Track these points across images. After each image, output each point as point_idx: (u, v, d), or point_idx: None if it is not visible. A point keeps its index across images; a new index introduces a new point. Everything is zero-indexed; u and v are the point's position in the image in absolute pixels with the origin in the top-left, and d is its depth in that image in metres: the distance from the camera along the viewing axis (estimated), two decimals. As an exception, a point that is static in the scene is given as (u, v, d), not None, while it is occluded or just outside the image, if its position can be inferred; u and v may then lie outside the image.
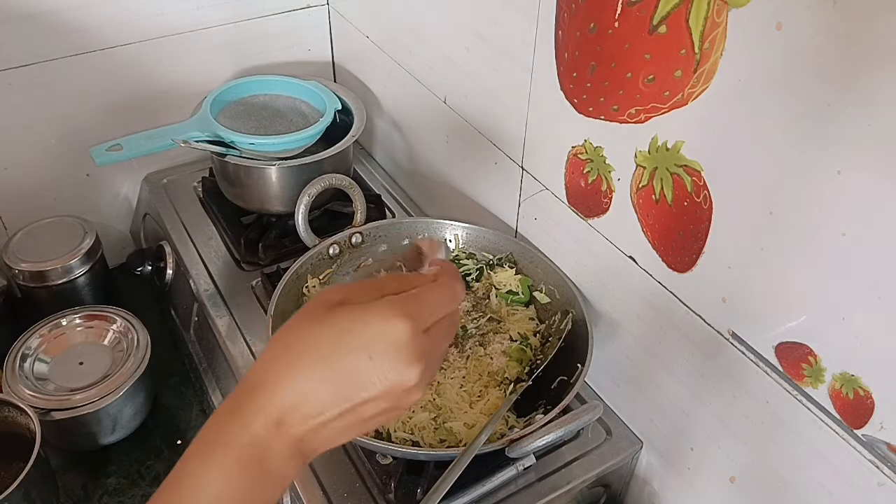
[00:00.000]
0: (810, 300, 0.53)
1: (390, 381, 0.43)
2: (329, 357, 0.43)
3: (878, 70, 0.43)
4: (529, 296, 0.82)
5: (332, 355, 0.43)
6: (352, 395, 0.43)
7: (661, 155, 0.60)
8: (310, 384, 0.43)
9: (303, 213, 0.84)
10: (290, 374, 0.43)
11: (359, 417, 0.44)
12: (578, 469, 0.72)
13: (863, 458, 0.53)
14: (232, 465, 0.42)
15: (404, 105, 1.02)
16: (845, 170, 0.47)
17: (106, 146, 0.86)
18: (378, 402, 0.43)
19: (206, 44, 1.04)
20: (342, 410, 0.43)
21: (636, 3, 0.56)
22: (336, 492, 0.69)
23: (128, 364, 0.86)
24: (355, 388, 0.43)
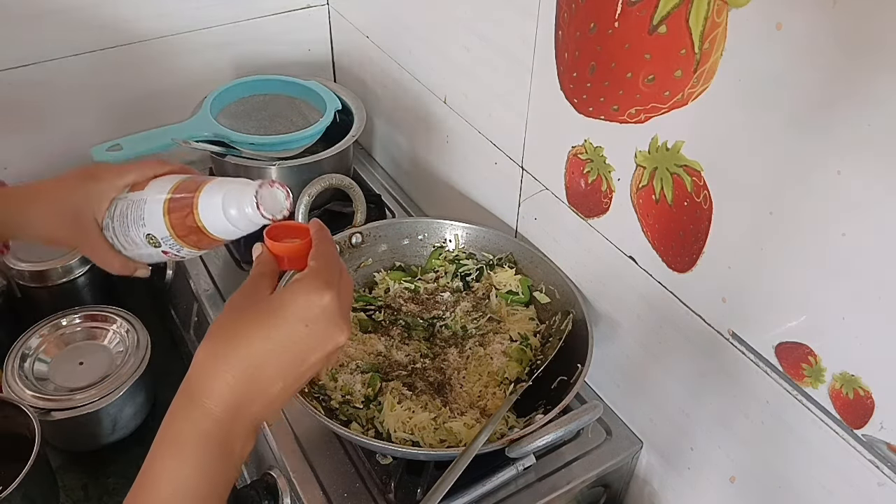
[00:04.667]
0: (810, 300, 0.53)
1: (327, 347, 0.47)
2: (269, 333, 0.46)
3: (878, 70, 0.43)
4: (529, 296, 0.82)
5: (272, 330, 0.46)
6: (297, 365, 0.47)
7: (661, 155, 0.60)
8: (257, 362, 0.46)
9: (303, 214, 0.84)
10: (237, 357, 0.46)
11: (301, 381, 0.48)
12: (578, 469, 0.72)
13: (863, 458, 0.53)
14: (200, 455, 0.44)
15: (404, 105, 1.02)
16: (845, 170, 0.47)
17: (106, 146, 0.86)
18: (317, 365, 0.48)
19: (206, 44, 1.05)
20: (290, 381, 0.47)
21: (636, 3, 0.56)
22: (336, 492, 0.69)
23: (128, 364, 0.86)
24: (298, 359, 0.47)
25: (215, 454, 0.45)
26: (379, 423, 0.69)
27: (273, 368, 0.46)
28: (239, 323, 0.47)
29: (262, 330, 0.46)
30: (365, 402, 0.71)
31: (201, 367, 0.46)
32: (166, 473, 0.44)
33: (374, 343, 0.77)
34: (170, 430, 0.45)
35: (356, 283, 0.86)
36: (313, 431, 0.73)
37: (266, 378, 0.46)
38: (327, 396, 0.72)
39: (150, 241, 0.62)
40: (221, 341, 0.47)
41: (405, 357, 0.76)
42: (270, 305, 0.47)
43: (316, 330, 0.47)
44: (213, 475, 0.45)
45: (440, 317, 0.81)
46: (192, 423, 0.45)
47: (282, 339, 0.46)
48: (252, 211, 0.56)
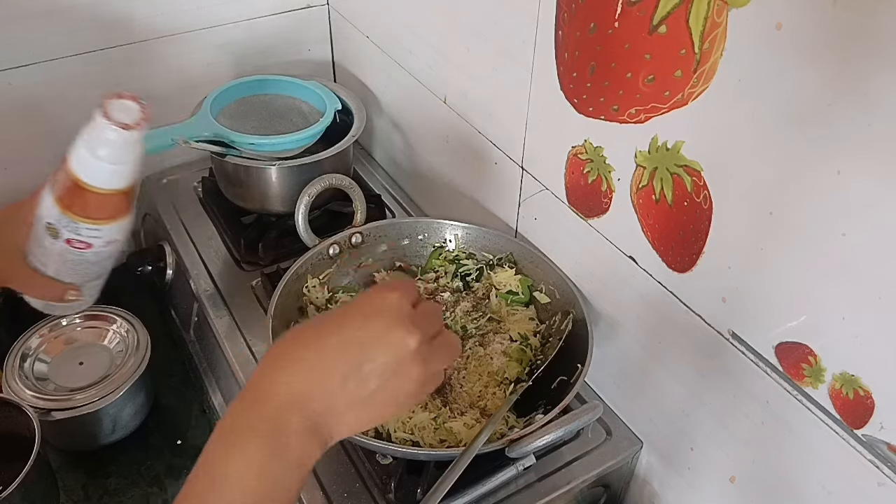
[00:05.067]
0: (810, 300, 0.53)
1: (392, 348, 0.46)
2: (332, 329, 0.47)
3: (878, 70, 0.43)
4: (529, 296, 0.82)
5: (335, 326, 0.47)
6: (358, 361, 0.46)
7: (661, 155, 0.60)
8: (316, 357, 0.46)
9: (303, 213, 0.84)
10: (297, 353, 0.46)
11: (366, 384, 0.46)
12: (578, 469, 0.72)
13: (863, 458, 0.53)
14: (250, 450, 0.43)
15: (404, 105, 1.02)
16: (845, 170, 0.47)
17: (106, 146, 0.86)
18: (385, 368, 0.46)
19: (206, 44, 1.04)
20: (352, 379, 0.46)
21: (636, 3, 0.56)
22: (336, 492, 0.69)
23: (128, 364, 0.86)
24: (359, 354, 0.46)
25: (266, 450, 0.43)
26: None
27: (331, 361, 0.46)
28: (309, 325, 0.48)
29: (326, 328, 0.47)
30: (365, 402, 0.71)
31: (262, 363, 0.47)
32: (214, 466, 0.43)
33: (374, 343, 0.77)
34: (222, 424, 0.45)
35: (356, 283, 0.86)
36: (313, 431, 0.73)
37: (324, 372, 0.45)
38: (327, 396, 0.72)
39: (49, 233, 0.61)
40: (289, 340, 0.48)
41: (405, 357, 0.76)
42: (340, 308, 0.49)
43: (376, 325, 0.47)
44: (266, 472, 0.43)
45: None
46: (245, 417, 0.45)
47: (343, 332, 0.47)
48: (107, 127, 0.55)
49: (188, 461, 0.87)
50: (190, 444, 0.89)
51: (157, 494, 0.82)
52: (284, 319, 0.76)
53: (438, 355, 0.50)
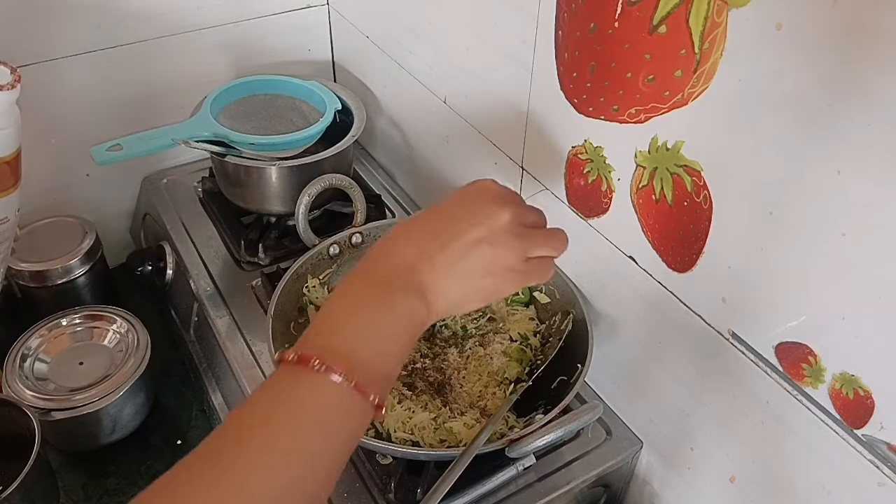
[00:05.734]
0: (810, 300, 0.53)
1: (484, 218, 0.51)
2: (433, 211, 0.53)
3: (878, 70, 0.43)
4: (529, 296, 0.82)
5: (437, 209, 0.53)
6: (451, 223, 0.51)
7: (661, 155, 0.60)
8: (420, 234, 0.51)
9: (303, 213, 0.84)
10: (405, 235, 0.52)
11: (462, 255, 0.50)
12: (578, 469, 0.72)
13: (863, 458, 0.53)
14: (363, 298, 0.48)
15: (404, 105, 1.02)
16: (845, 170, 0.47)
17: (106, 146, 0.86)
18: (474, 237, 0.50)
19: (206, 44, 1.05)
20: (446, 237, 0.50)
21: (636, 3, 0.56)
22: (336, 492, 0.69)
23: (128, 364, 0.86)
24: (453, 218, 0.52)
25: (374, 300, 0.48)
26: (379, 423, 0.69)
27: (432, 234, 0.51)
28: (417, 214, 0.54)
29: (430, 212, 0.53)
30: (365, 402, 0.71)
31: (373, 249, 0.52)
32: (329, 313, 0.49)
33: (374, 343, 0.77)
34: (336, 288, 0.51)
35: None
36: (313, 431, 0.73)
37: (425, 243, 0.50)
38: (327, 396, 0.72)
39: None
40: (399, 226, 0.53)
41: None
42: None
43: (472, 202, 0.52)
44: (374, 318, 0.48)
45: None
46: (355, 277, 0.50)
47: (443, 211, 0.53)
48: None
49: (188, 461, 0.87)
50: (190, 445, 0.89)
51: (157, 494, 0.82)
52: (284, 319, 0.76)
53: (540, 240, 0.53)
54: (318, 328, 0.48)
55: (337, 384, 0.44)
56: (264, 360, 0.80)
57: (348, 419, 0.45)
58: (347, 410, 0.45)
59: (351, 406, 0.44)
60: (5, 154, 0.60)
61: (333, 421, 0.44)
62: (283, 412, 0.43)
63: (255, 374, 0.79)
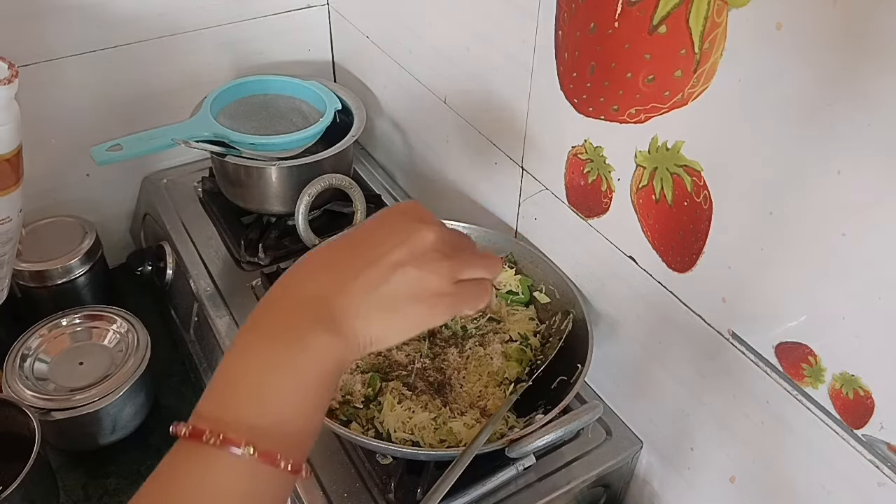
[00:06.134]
0: (810, 300, 0.53)
1: (407, 238, 0.45)
2: (345, 236, 0.47)
3: (878, 70, 0.43)
4: (529, 296, 0.82)
5: (348, 233, 0.47)
6: (369, 248, 0.45)
7: (661, 155, 0.60)
8: (331, 261, 0.45)
9: (303, 213, 0.84)
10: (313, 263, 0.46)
11: (384, 280, 0.44)
12: (578, 469, 0.72)
13: (863, 458, 0.53)
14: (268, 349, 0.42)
15: (404, 105, 1.02)
16: (845, 170, 0.47)
17: (106, 146, 0.86)
18: (395, 259, 0.44)
19: (206, 44, 1.05)
20: (361, 262, 0.44)
21: (636, 3, 0.56)
22: (336, 492, 0.69)
23: (128, 364, 0.86)
24: (371, 243, 0.45)
25: (279, 348, 0.42)
26: (379, 423, 0.69)
27: (345, 260, 0.45)
28: (327, 241, 0.48)
29: (341, 236, 0.47)
30: (365, 401, 0.71)
31: (280, 278, 0.46)
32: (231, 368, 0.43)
33: (374, 343, 0.77)
34: (239, 331, 0.44)
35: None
36: (313, 431, 0.73)
37: (338, 270, 0.44)
38: (327, 396, 0.72)
39: None
40: (307, 255, 0.47)
41: (405, 357, 0.76)
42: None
43: (390, 221, 0.47)
44: (281, 368, 0.41)
45: (440, 317, 0.81)
46: (259, 319, 0.44)
47: (355, 234, 0.47)
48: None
49: (188, 461, 0.87)
50: (190, 444, 0.89)
51: (157, 494, 0.82)
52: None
53: (472, 259, 0.47)
54: (212, 392, 0.42)
55: (238, 457, 0.38)
56: (264, 360, 0.80)
57: (258, 493, 0.40)
58: (255, 484, 0.39)
59: (260, 478, 0.39)
60: (5, 151, 0.59)
61: (240, 499, 0.39)
62: (180, 497, 0.38)
63: (255, 374, 0.79)
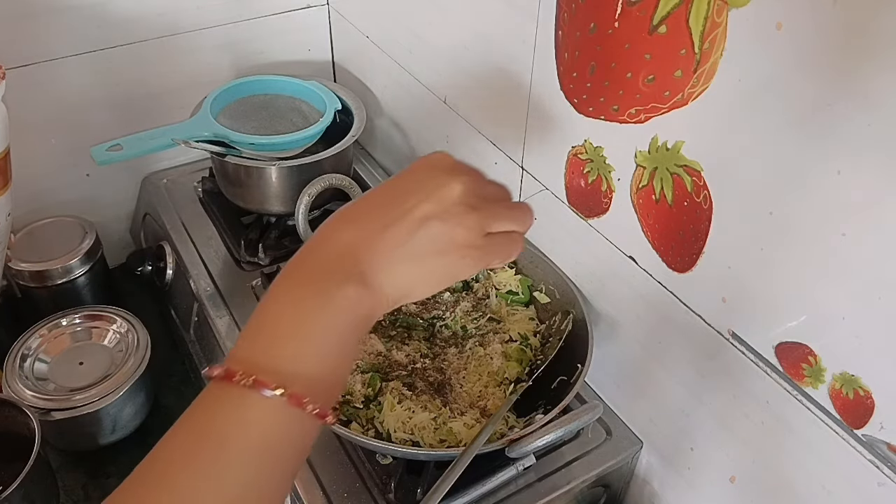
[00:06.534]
0: (810, 300, 0.53)
1: (432, 190, 0.45)
2: (377, 189, 0.47)
3: (878, 70, 0.43)
4: (529, 296, 0.82)
5: (381, 185, 0.47)
6: (396, 199, 0.45)
7: (661, 155, 0.60)
8: (361, 212, 0.46)
9: (303, 213, 0.84)
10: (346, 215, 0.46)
11: (409, 232, 0.44)
12: (578, 469, 0.72)
13: (863, 458, 0.53)
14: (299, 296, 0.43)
15: (404, 105, 1.02)
16: (845, 170, 0.47)
17: (106, 146, 0.86)
18: (422, 212, 0.44)
19: (206, 44, 1.05)
20: (388, 213, 0.45)
21: (636, 3, 0.56)
22: (336, 492, 0.69)
23: (128, 364, 0.86)
24: (398, 194, 0.46)
25: (310, 295, 0.42)
26: (379, 423, 0.69)
27: (374, 212, 0.45)
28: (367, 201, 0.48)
29: (374, 189, 0.47)
30: (365, 402, 0.71)
31: (316, 231, 0.46)
32: (265, 311, 0.43)
33: (374, 343, 0.77)
34: (273, 283, 0.45)
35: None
36: (313, 431, 0.73)
37: (366, 223, 0.45)
38: (327, 396, 0.72)
39: None
40: (342, 208, 0.47)
41: (405, 357, 0.76)
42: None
43: (418, 174, 0.47)
44: (312, 316, 0.42)
45: (440, 317, 0.81)
46: (292, 268, 0.44)
47: (386, 187, 0.47)
48: None
49: (188, 461, 0.87)
50: (190, 444, 0.89)
51: (157, 494, 0.82)
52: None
53: (501, 212, 0.48)
54: (246, 337, 0.43)
55: (268, 399, 0.39)
56: (264, 360, 0.80)
57: (286, 435, 0.41)
58: (283, 425, 0.40)
59: (288, 420, 0.40)
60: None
61: (267, 439, 0.40)
62: (212, 435, 0.40)
63: (255, 374, 0.79)
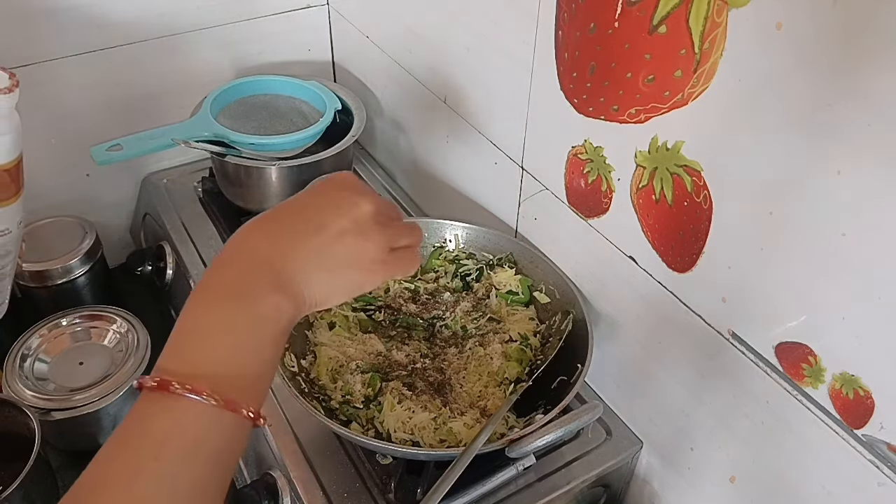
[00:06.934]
0: (810, 300, 0.53)
1: (346, 209, 0.49)
2: (287, 204, 0.51)
3: (878, 70, 0.43)
4: (529, 296, 0.82)
5: (290, 201, 0.51)
6: (311, 219, 0.49)
7: (661, 155, 0.60)
8: (276, 225, 0.49)
9: (303, 213, 0.84)
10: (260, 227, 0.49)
11: (324, 243, 0.48)
12: (578, 469, 0.72)
13: (863, 458, 0.53)
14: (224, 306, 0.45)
15: (404, 105, 1.02)
16: (845, 170, 0.47)
17: (106, 146, 0.86)
18: (337, 226, 0.48)
19: (206, 44, 1.05)
20: (303, 228, 0.48)
21: (636, 3, 0.56)
22: (336, 492, 0.69)
23: (128, 364, 0.86)
24: (312, 213, 0.49)
25: (234, 305, 0.45)
26: (379, 423, 0.69)
27: (289, 225, 0.49)
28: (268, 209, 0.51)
29: (283, 204, 0.51)
30: (365, 402, 0.71)
31: (229, 241, 0.49)
32: (188, 322, 0.45)
33: (374, 343, 0.77)
34: (196, 288, 0.47)
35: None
36: (313, 431, 0.73)
37: (282, 235, 0.48)
38: (327, 396, 0.72)
39: None
40: (253, 220, 0.50)
41: (405, 357, 0.76)
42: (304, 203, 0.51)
43: (329, 192, 0.51)
44: (236, 326, 0.45)
45: (440, 317, 0.81)
46: (215, 278, 0.47)
47: (298, 202, 0.50)
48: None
49: (188, 461, 0.87)
50: (190, 444, 0.89)
51: (157, 494, 0.82)
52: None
53: (402, 230, 0.52)
54: (173, 347, 0.45)
55: (202, 404, 0.41)
56: (264, 360, 0.80)
57: (220, 438, 0.42)
58: (220, 430, 0.42)
59: (224, 425, 0.42)
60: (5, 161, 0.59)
61: (203, 443, 0.41)
62: (149, 442, 0.41)
63: (255, 374, 0.79)
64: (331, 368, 0.74)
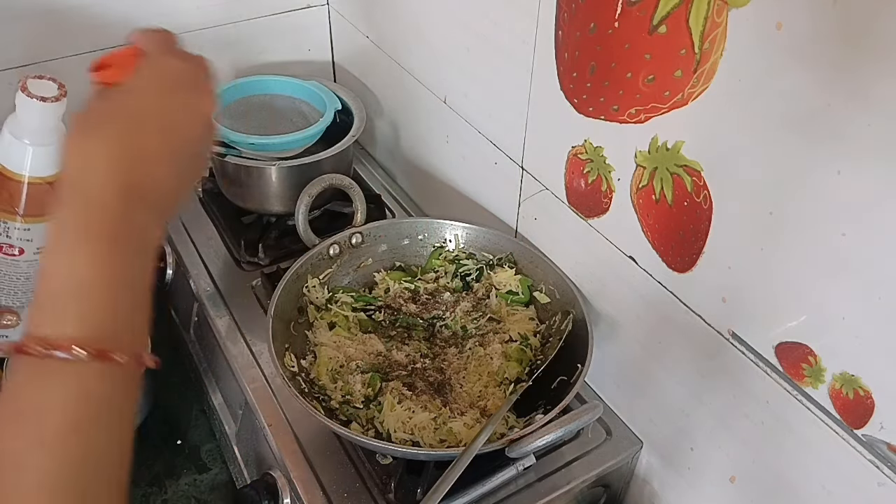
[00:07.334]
0: (810, 300, 0.53)
1: (191, 110, 0.46)
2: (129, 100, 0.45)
3: (878, 70, 0.43)
4: (529, 296, 0.82)
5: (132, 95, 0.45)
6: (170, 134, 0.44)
7: (661, 155, 0.60)
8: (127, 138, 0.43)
9: (303, 213, 0.84)
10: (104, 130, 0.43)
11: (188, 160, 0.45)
12: (578, 469, 0.72)
13: (863, 458, 0.53)
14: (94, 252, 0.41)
15: (404, 105, 1.02)
16: (845, 170, 0.47)
17: (106, 146, 0.86)
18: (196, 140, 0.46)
19: (206, 44, 1.04)
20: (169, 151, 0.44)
21: (636, 3, 0.56)
22: (336, 492, 0.69)
23: (128, 364, 0.86)
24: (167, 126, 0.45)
25: (105, 248, 0.41)
26: (379, 423, 0.69)
27: (139, 136, 0.43)
28: (97, 109, 0.44)
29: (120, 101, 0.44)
30: (365, 402, 0.71)
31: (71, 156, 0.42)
32: (54, 269, 0.41)
33: (374, 343, 0.77)
34: (51, 231, 0.41)
35: (356, 283, 0.86)
36: (313, 431, 0.73)
37: (133, 146, 0.43)
38: (327, 397, 0.72)
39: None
40: (84, 122, 0.43)
41: (405, 357, 0.76)
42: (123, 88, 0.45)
43: (175, 102, 0.46)
44: (98, 258, 0.40)
45: (440, 317, 0.81)
46: (70, 217, 0.41)
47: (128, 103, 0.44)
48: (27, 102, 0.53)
49: (188, 461, 0.87)
50: (190, 444, 0.89)
51: (157, 494, 0.82)
52: (284, 319, 0.76)
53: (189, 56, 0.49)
54: (37, 306, 0.40)
55: (77, 361, 0.38)
56: (264, 360, 0.80)
57: (106, 391, 0.39)
58: (99, 383, 0.39)
59: (103, 377, 0.39)
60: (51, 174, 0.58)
61: (85, 400, 0.38)
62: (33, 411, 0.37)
63: (255, 373, 0.79)
64: (331, 368, 0.74)
